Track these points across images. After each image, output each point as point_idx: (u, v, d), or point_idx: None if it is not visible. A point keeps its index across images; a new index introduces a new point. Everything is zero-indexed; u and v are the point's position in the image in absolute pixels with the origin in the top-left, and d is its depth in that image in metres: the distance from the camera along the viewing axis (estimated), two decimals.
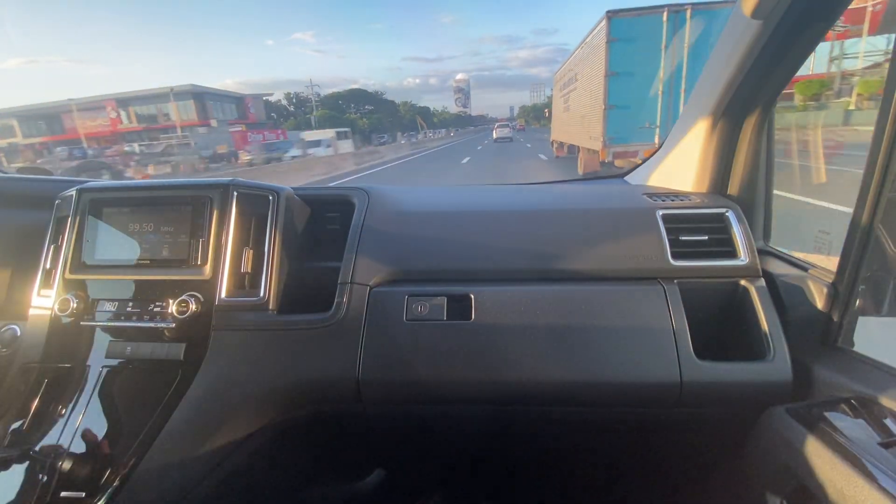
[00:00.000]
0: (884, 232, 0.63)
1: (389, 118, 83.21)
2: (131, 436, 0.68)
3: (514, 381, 0.72)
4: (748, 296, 0.75)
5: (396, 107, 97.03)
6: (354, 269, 0.79)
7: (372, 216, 0.86)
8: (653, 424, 0.79)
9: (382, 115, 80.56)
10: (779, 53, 0.73)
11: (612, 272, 0.78)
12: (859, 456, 0.50)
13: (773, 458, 0.63)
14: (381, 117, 77.70)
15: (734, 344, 0.77)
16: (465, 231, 0.84)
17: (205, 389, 0.72)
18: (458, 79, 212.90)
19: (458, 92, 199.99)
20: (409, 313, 0.75)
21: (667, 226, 0.80)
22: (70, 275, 0.79)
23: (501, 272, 0.80)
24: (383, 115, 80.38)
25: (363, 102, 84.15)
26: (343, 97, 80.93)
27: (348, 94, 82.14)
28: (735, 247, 0.78)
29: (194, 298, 0.74)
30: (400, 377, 0.74)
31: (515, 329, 0.73)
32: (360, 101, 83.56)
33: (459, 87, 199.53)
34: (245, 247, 0.78)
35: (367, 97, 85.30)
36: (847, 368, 0.65)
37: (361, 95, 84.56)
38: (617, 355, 0.71)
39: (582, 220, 0.84)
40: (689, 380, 0.69)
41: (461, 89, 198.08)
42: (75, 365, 0.75)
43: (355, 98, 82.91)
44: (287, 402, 0.76)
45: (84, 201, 0.82)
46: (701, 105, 0.90)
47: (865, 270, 0.65)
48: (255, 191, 0.81)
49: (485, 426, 0.88)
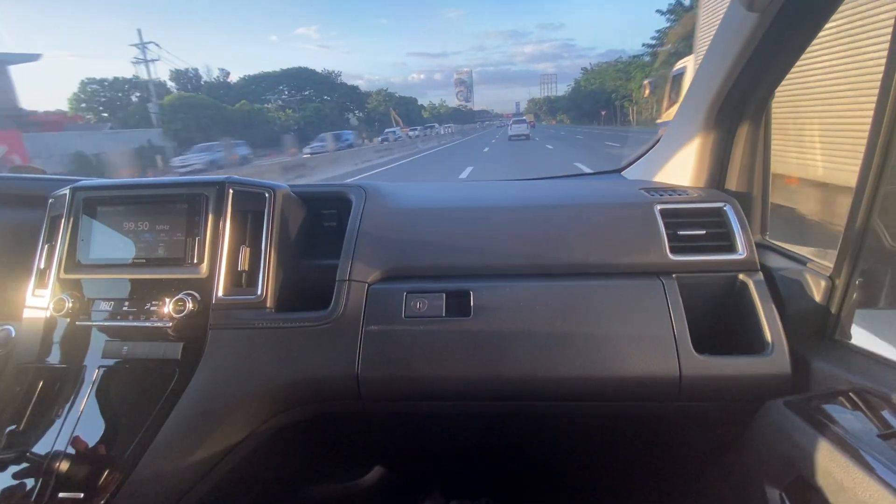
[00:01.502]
0: (881, 225, 0.63)
1: (350, 111, 64.19)
2: (129, 436, 0.68)
3: (513, 376, 0.72)
4: (746, 290, 0.75)
5: (363, 95, 73.83)
6: (352, 266, 0.79)
7: (369, 213, 0.85)
8: (652, 419, 0.79)
9: (336, 104, 60.35)
10: (776, 46, 0.73)
11: (611, 267, 0.78)
12: (858, 448, 0.50)
13: (771, 451, 0.63)
14: (336, 109, 58.21)
15: (733, 338, 0.77)
16: (464, 227, 0.84)
17: (202, 389, 0.72)
18: (460, 71, 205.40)
19: (459, 85, 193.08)
20: (408, 310, 0.75)
21: (665, 220, 0.80)
22: (65, 274, 0.79)
23: (500, 268, 0.79)
24: (339, 106, 60.36)
25: (305, 87, 61.28)
26: (270, 79, 59.55)
27: (282, 76, 60.61)
28: (733, 241, 0.78)
29: (191, 297, 0.74)
30: (399, 374, 0.74)
31: (515, 325, 0.73)
32: (301, 85, 60.81)
33: (461, 80, 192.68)
34: (242, 245, 0.77)
35: (311, 79, 62.00)
36: (845, 361, 0.65)
37: (302, 76, 61.61)
38: (616, 350, 0.71)
39: (580, 215, 0.84)
40: (688, 374, 0.69)
41: (463, 82, 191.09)
42: (71, 365, 0.75)
43: (294, 80, 60.47)
44: (286, 400, 0.76)
45: (78, 200, 0.81)
46: (698, 99, 0.90)
47: (863, 263, 0.66)
48: (251, 188, 0.81)
49: (484, 422, 0.88)
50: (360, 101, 72.60)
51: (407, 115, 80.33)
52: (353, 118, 67.00)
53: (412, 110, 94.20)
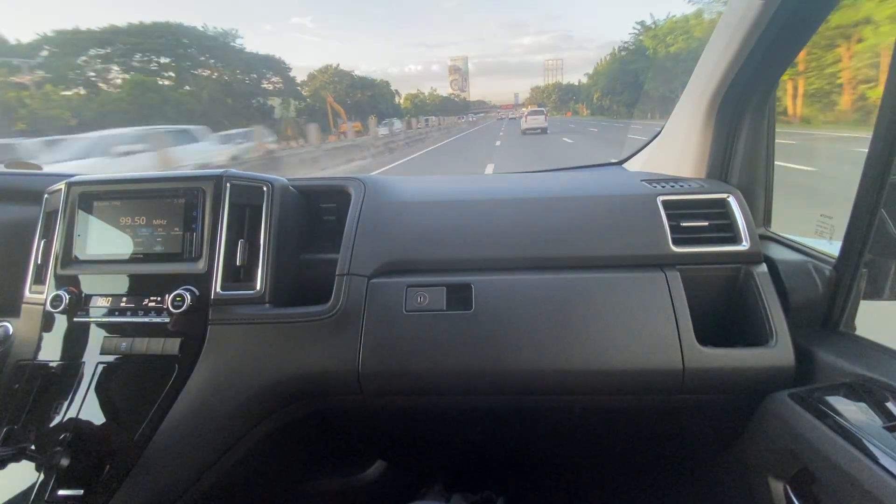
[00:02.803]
0: (887, 215, 0.63)
1: (263, 96, 39.35)
2: (129, 432, 0.67)
3: (515, 370, 0.72)
4: (750, 281, 0.75)
5: (284, 71, 43.64)
6: (352, 260, 0.78)
7: (369, 206, 0.85)
8: (655, 411, 0.79)
9: (222, 87, 34.73)
10: (780, 35, 0.72)
11: (614, 259, 0.77)
12: (863, 439, 0.50)
13: (775, 443, 0.63)
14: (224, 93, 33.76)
15: (736, 330, 0.77)
16: (464, 220, 0.83)
17: (202, 384, 0.71)
18: (454, 58, 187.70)
19: (454, 72, 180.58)
20: (409, 304, 0.75)
21: (668, 212, 0.80)
22: (62, 270, 0.78)
23: (502, 261, 0.79)
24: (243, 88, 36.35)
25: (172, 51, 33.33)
26: (106, 36, 31.55)
27: (129, 31, 32.82)
28: (736, 232, 0.78)
29: (189, 292, 0.73)
30: (400, 368, 0.73)
31: (516, 318, 0.73)
32: (156, 49, 33.20)
33: (456, 67, 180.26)
34: (240, 239, 0.77)
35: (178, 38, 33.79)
36: (850, 352, 0.64)
37: (159, 33, 33.67)
38: (619, 343, 0.70)
39: (582, 207, 0.83)
40: (692, 366, 0.69)
41: (458, 69, 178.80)
42: (70, 362, 0.74)
43: (150, 38, 32.78)
44: (286, 395, 0.76)
45: (73, 195, 0.80)
46: (701, 89, 0.89)
47: (868, 254, 0.65)
48: (249, 182, 0.80)
49: (486, 416, 0.88)
50: (292, 87, 45.15)
51: (374, 105, 60.01)
52: (272, 106, 41.87)
53: (380, 99, 67.83)
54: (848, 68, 7.71)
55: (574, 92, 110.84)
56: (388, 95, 72.22)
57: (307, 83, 53.12)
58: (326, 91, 51.64)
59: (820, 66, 7.87)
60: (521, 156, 14.09)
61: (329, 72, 54.04)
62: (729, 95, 0.84)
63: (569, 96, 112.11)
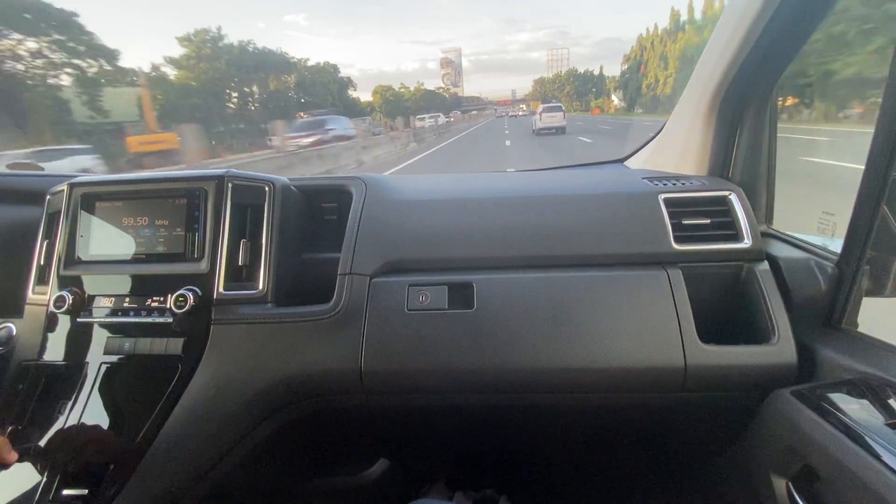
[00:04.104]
0: (889, 212, 0.63)
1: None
2: (133, 432, 0.68)
3: (517, 368, 0.72)
4: (752, 279, 0.75)
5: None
6: (354, 259, 0.78)
7: (370, 206, 0.85)
8: (657, 409, 0.79)
9: None
10: (782, 32, 0.72)
11: (615, 257, 0.77)
12: (865, 436, 0.50)
13: (778, 441, 0.63)
14: None
15: (738, 327, 0.77)
16: (466, 218, 0.83)
17: (205, 384, 0.72)
18: (446, 49, 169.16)
19: (446, 66, 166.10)
20: (411, 303, 0.75)
21: (669, 210, 0.79)
22: (64, 271, 0.78)
23: (503, 259, 0.79)
24: None
25: None
26: None
27: None
28: (738, 230, 0.78)
29: (192, 292, 0.73)
30: (403, 367, 0.73)
31: (518, 316, 0.73)
32: None
33: (448, 60, 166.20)
34: (242, 239, 0.77)
35: None
36: (852, 349, 0.64)
37: None
38: (621, 341, 0.70)
39: (584, 205, 0.83)
40: (694, 364, 0.69)
41: (450, 62, 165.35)
42: (73, 362, 0.74)
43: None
44: (289, 394, 0.76)
45: (76, 196, 0.80)
46: (702, 86, 0.89)
47: (870, 251, 0.65)
48: (251, 182, 0.80)
49: (488, 414, 0.88)
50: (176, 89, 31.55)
51: (316, 102, 43.44)
52: None
53: (318, 92, 47.01)
54: None
55: (594, 82, 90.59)
56: (330, 86, 51.40)
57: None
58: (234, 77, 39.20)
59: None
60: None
61: (245, 46, 42.12)
62: (731, 92, 0.84)
63: (588, 88, 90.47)
